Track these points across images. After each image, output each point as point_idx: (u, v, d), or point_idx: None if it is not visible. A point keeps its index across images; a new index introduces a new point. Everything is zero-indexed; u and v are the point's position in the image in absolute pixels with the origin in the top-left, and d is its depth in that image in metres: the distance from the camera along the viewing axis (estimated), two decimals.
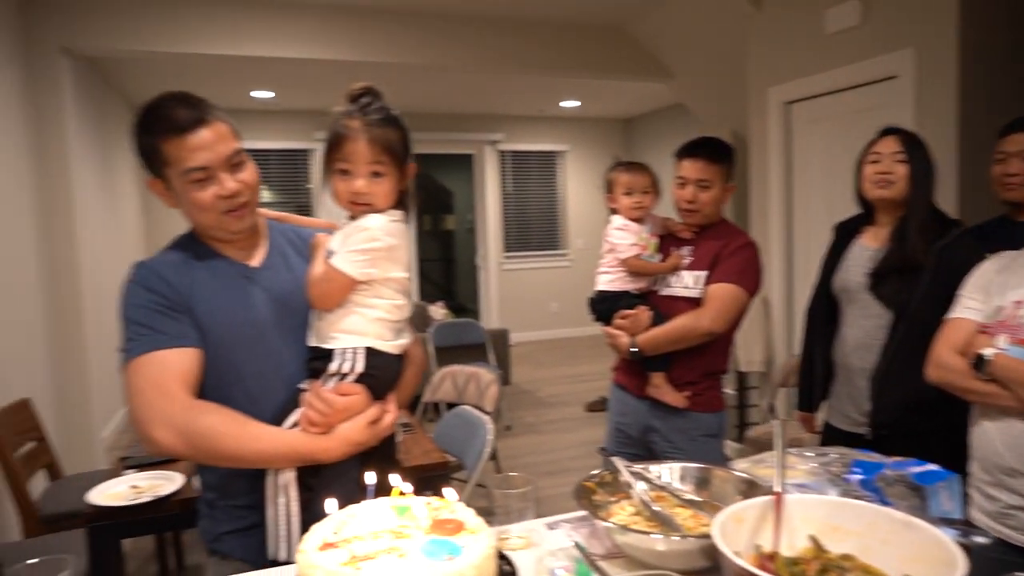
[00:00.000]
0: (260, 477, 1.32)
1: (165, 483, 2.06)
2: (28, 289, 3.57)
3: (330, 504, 1.14)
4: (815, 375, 2.21)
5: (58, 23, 3.81)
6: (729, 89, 4.76)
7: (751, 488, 1.18)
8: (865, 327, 2.03)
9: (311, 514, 1.30)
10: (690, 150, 2.16)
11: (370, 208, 1.30)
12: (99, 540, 1.94)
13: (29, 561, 0.97)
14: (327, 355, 1.30)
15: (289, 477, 1.29)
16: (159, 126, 1.27)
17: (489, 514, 1.20)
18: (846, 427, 2.09)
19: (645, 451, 2.26)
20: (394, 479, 1.13)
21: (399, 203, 1.35)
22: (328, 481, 1.33)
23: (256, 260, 1.41)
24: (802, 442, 2.29)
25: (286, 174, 7.57)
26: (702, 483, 1.28)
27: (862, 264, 2.04)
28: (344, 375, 1.29)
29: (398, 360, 1.37)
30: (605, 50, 5.10)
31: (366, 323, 1.30)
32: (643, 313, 2.14)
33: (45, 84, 3.80)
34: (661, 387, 2.14)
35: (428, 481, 1.99)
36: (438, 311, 6.20)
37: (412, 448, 2.32)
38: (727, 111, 4.83)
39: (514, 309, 8.51)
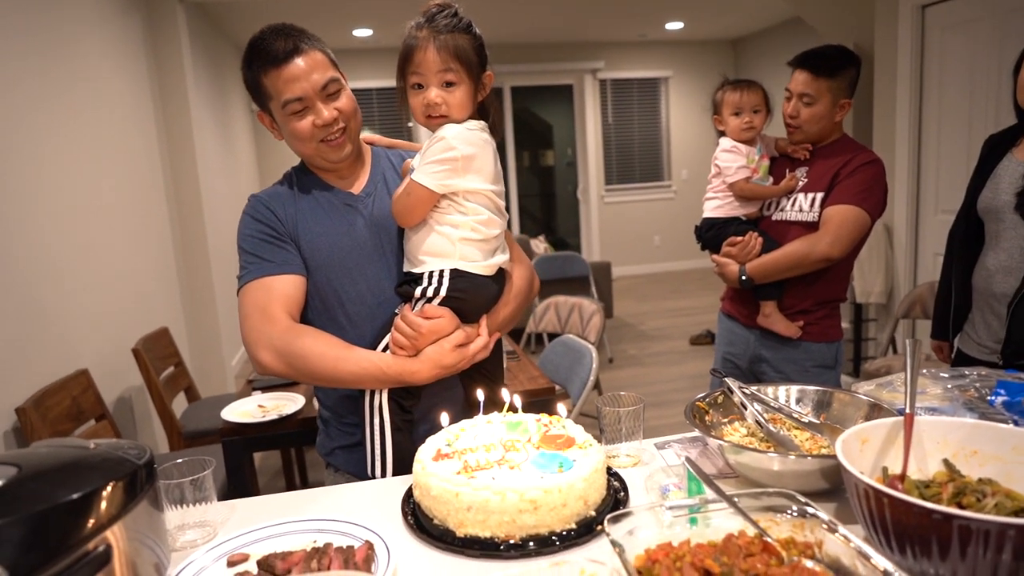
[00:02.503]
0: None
1: (288, 403, 2.21)
2: (162, 225, 3.84)
3: (443, 418, 1.18)
4: (952, 301, 2.05)
5: None
6: None
7: (875, 412, 1.12)
8: (1009, 250, 1.85)
9: (410, 435, 1.33)
10: (798, 61, 2.01)
11: (446, 120, 1.26)
12: (232, 452, 2.12)
13: (178, 460, 1.07)
14: (417, 279, 1.30)
15: (383, 398, 1.31)
16: (258, 60, 1.29)
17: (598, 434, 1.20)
18: (979, 356, 1.95)
19: (754, 382, 2.20)
20: (504, 395, 1.15)
21: (480, 115, 1.31)
22: (428, 404, 1.35)
23: (358, 187, 1.42)
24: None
25: (386, 113, 7.66)
26: (821, 406, 1.23)
27: (1012, 181, 1.85)
28: (430, 298, 1.28)
29: (490, 282, 1.34)
30: None
31: (450, 244, 1.27)
32: (753, 239, 2.05)
33: (163, 29, 4.01)
34: (772, 316, 2.07)
35: (534, 407, 2.02)
36: (539, 245, 6.24)
37: (518, 374, 2.35)
38: (851, 21, 4.44)
39: (616, 243, 8.39)
